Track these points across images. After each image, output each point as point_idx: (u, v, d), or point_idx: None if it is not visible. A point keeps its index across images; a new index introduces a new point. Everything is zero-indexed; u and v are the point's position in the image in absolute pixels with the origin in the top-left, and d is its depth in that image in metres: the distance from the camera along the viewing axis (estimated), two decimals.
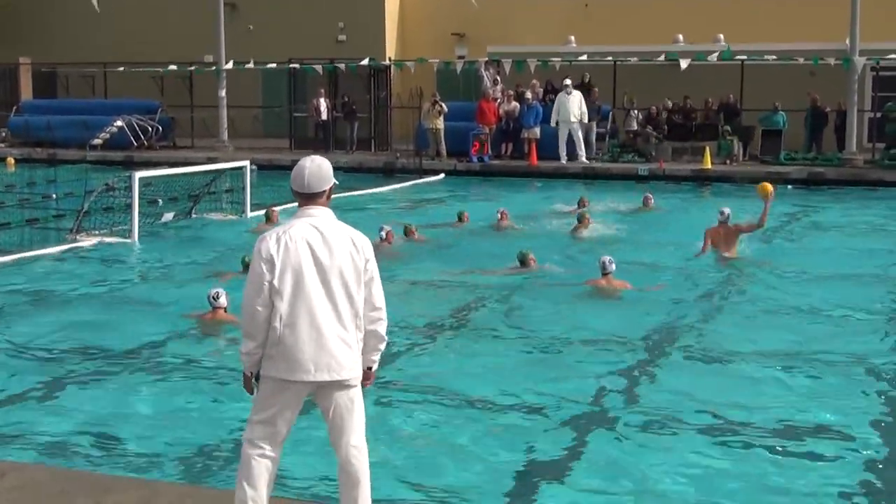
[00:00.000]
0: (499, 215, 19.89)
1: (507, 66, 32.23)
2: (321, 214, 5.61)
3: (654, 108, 30.92)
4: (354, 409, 5.62)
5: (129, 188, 18.32)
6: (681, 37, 33.49)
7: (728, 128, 29.72)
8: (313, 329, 5.43)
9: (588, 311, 12.86)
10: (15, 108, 38.28)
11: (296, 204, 5.77)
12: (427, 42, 37.79)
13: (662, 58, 31.10)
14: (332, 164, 5.76)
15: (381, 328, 5.67)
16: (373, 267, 5.61)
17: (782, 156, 29.19)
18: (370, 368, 5.74)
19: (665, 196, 24.31)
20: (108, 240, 17.55)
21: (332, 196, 5.73)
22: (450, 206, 22.56)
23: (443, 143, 30.91)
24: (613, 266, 13.65)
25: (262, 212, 20.15)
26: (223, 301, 11.77)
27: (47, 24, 41.16)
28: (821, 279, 14.94)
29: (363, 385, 5.73)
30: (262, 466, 5.54)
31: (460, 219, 19.73)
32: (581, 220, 18.55)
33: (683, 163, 29.50)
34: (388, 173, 29.59)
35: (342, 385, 5.54)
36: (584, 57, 31.85)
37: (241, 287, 12.08)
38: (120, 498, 6.08)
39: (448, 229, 19.18)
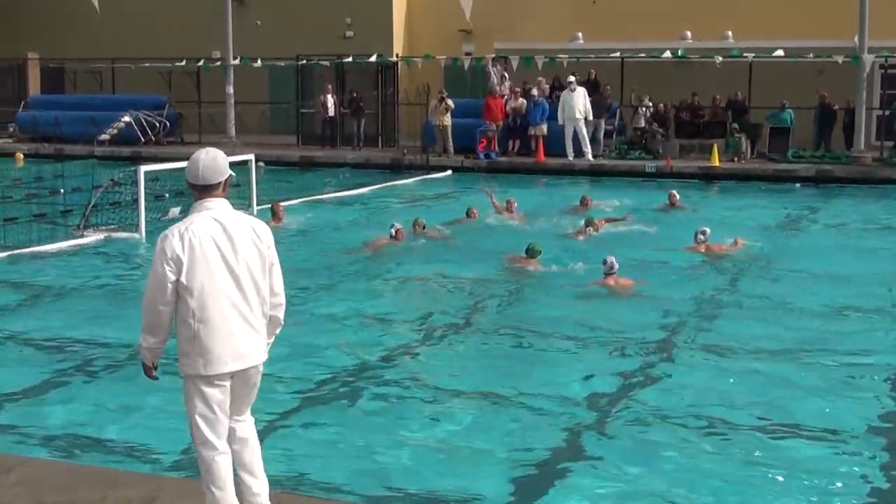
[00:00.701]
0: (506, 203, 20.34)
1: (515, 63, 32.20)
2: (219, 206, 5.64)
3: (661, 105, 30.86)
4: (256, 389, 5.78)
5: (135, 183, 18.33)
6: (689, 33, 33.41)
7: (736, 125, 29.67)
8: (226, 321, 5.50)
9: (596, 311, 12.84)
10: (23, 103, 38.36)
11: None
12: (434, 38, 37.75)
13: (668, 54, 31.06)
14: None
15: (281, 313, 5.81)
16: (273, 253, 5.72)
17: (790, 153, 29.13)
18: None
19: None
20: (115, 235, 17.58)
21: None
22: (458, 201, 22.51)
23: (450, 139, 30.91)
24: (617, 265, 13.64)
25: (268, 206, 20.16)
26: None
27: (55, 19, 41.17)
28: (828, 277, 14.90)
29: None
30: (223, 466, 5.59)
31: (469, 214, 19.73)
32: (590, 224, 17.93)
33: (691, 160, 29.45)
34: (395, 170, 29.56)
35: (254, 371, 5.69)
36: (592, 56, 31.77)
37: None
38: (125, 492, 6.08)
39: (457, 225, 19.16)
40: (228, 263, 5.52)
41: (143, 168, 18.65)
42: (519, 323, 12.21)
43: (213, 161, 5.63)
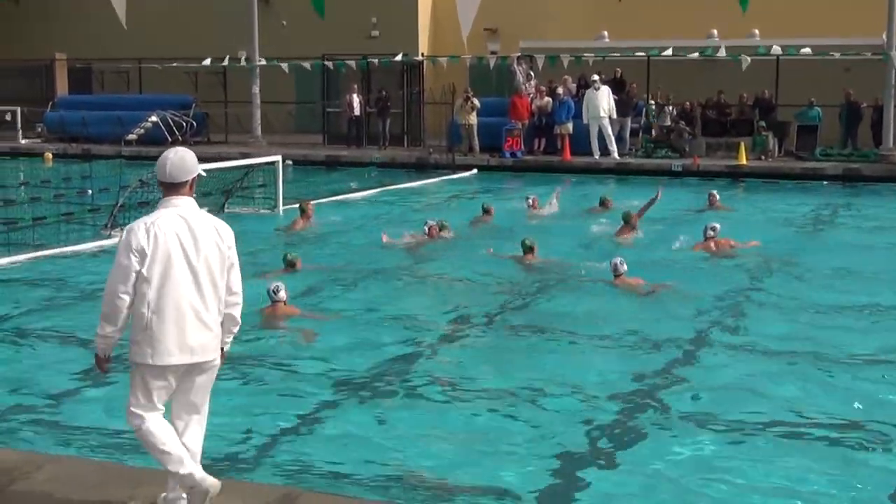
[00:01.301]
0: (530, 201, 20.57)
1: (540, 62, 32.16)
2: (185, 204, 5.82)
3: (687, 103, 30.76)
4: (206, 389, 5.92)
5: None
6: (715, 31, 33.28)
7: (763, 123, 29.53)
8: (179, 315, 5.67)
9: (614, 309, 12.80)
10: (51, 103, 38.58)
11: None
12: (460, 37, 37.72)
13: (695, 53, 30.97)
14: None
15: (237, 312, 5.96)
16: (234, 254, 5.91)
17: (818, 152, 28.98)
18: (222, 349, 5.98)
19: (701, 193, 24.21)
20: None
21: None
22: (482, 201, 22.50)
23: (475, 138, 30.91)
24: (625, 267, 13.59)
25: (295, 206, 20.23)
26: (283, 295, 11.96)
27: (83, 20, 41.41)
28: (855, 276, 14.81)
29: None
30: (156, 425, 5.72)
31: (486, 212, 19.77)
32: (627, 220, 17.53)
33: (718, 158, 29.34)
34: (421, 169, 29.57)
35: (204, 366, 5.82)
36: (618, 55, 31.68)
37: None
38: (154, 490, 6.10)
39: (481, 225, 19.18)
40: (189, 259, 5.70)
41: None
42: (539, 321, 12.22)
43: (181, 161, 5.84)
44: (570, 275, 14.72)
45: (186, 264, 5.70)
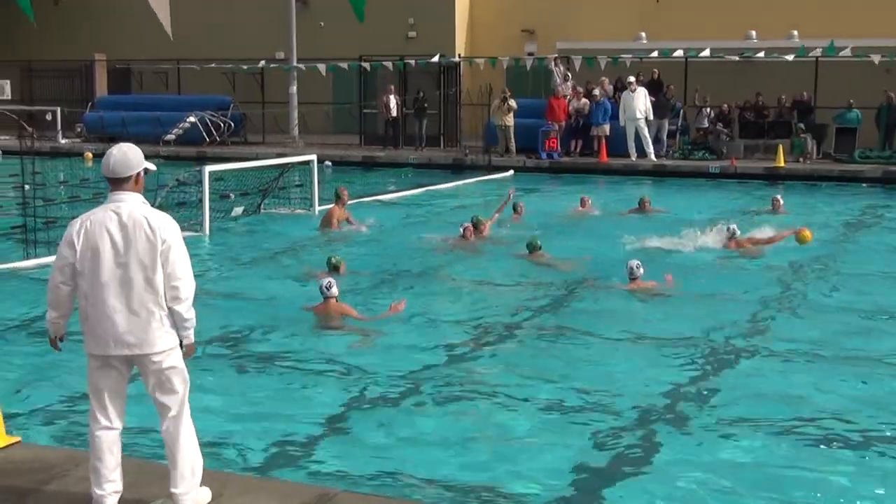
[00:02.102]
0: (580, 201, 20.94)
1: (577, 63, 32.10)
2: (127, 199, 5.93)
3: (725, 105, 30.59)
4: (169, 383, 5.95)
5: (200, 183, 18.54)
6: (754, 32, 33.09)
7: (801, 125, 29.33)
8: (109, 307, 5.80)
9: (638, 312, 12.84)
10: (90, 104, 38.90)
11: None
12: (496, 38, 37.74)
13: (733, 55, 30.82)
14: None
15: (178, 305, 5.90)
16: (168, 247, 5.86)
17: (857, 154, 28.74)
18: (181, 343, 6.02)
19: (736, 195, 24.12)
20: None
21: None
22: (525, 201, 22.50)
23: (512, 139, 30.88)
24: (641, 270, 13.55)
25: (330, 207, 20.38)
26: (335, 291, 11.93)
27: (122, 21, 41.73)
28: (894, 279, 14.70)
29: (184, 357, 6.06)
30: (101, 440, 5.92)
31: (516, 210, 19.84)
32: (732, 236, 16.70)
33: (755, 161, 29.18)
34: (457, 170, 29.58)
35: (148, 360, 5.88)
36: (655, 53, 31.57)
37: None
38: None
39: (510, 223, 19.19)
40: (118, 252, 5.81)
41: (208, 168, 18.86)
42: (568, 324, 12.20)
43: (124, 156, 5.95)
44: (578, 277, 14.72)
45: (114, 257, 5.81)
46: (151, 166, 6.09)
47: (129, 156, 5.95)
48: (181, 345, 6.03)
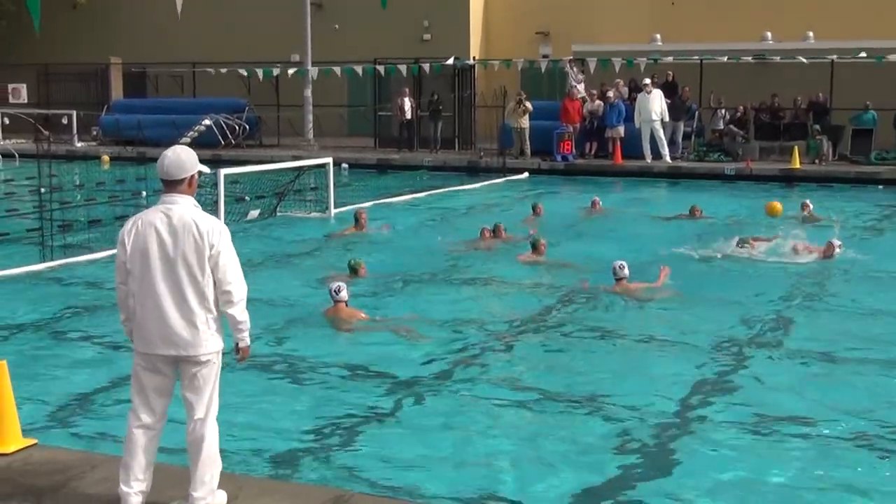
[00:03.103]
0: (591, 203, 21.04)
1: (592, 65, 32.07)
2: (179, 201, 5.98)
3: (741, 106, 30.52)
4: (204, 386, 5.98)
5: (216, 185, 18.59)
6: (769, 34, 33.04)
7: (817, 127, 29.25)
8: (158, 307, 5.86)
9: (657, 315, 12.80)
10: (106, 107, 39.03)
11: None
12: (511, 40, 37.76)
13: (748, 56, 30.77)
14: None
15: (231, 309, 5.96)
16: (218, 252, 5.91)
17: (873, 156, 28.65)
18: (237, 345, 6.11)
19: (752, 196, 24.04)
20: None
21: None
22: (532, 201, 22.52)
23: (527, 142, 30.86)
24: (626, 271, 13.50)
25: (346, 209, 20.36)
26: (344, 295, 11.96)
27: (138, 24, 41.92)
28: None
29: (236, 360, 6.20)
30: (137, 437, 5.96)
31: (535, 211, 19.86)
32: (744, 242, 16.67)
33: (771, 162, 29.11)
34: (472, 172, 29.59)
35: (191, 361, 5.92)
36: (671, 59, 31.47)
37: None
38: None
39: (529, 224, 19.18)
40: (166, 253, 5.86)
41: (223, 171, 18.91)
42: (586, 326, 12.18)
43: (178, 159, 6.04)
44: (575, 278, 14.70)
45: (163, 258, 5.85)
46: (206, 169, 6.18)
47: (182, 158, 6.04)
48: (237, 347, 6.09)
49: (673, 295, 13.49)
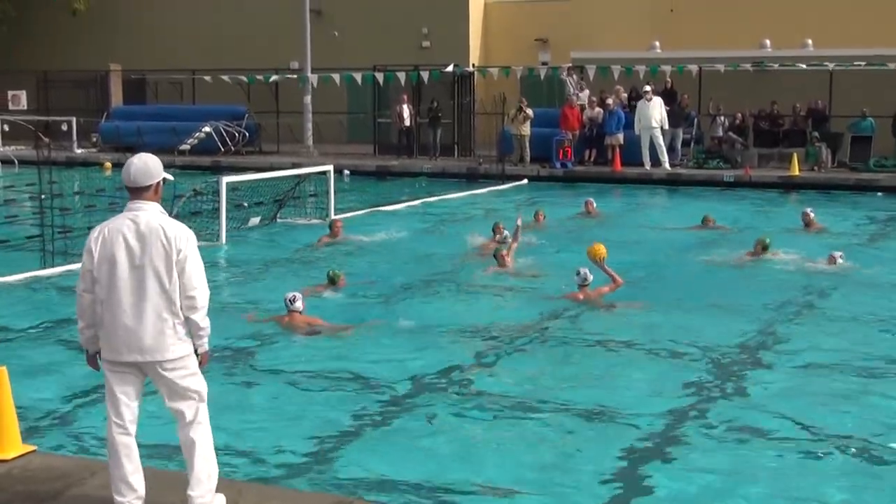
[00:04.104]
0: (584, 205, 21.50)
1: (591, 72, 32.09)
2: (145, 208, 5.99)
3: (739, 114, 30.53)
4: (183, 390, 6.00)
5: (217, 193, 18.60)
6: (768, 42, 33.07)
7: (816, 134, 29.28)
8: (125, 314, 5.87)
9: (658, 322, 12.79)
10: (105, 113, 39.05)
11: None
12: (510, 48, 37.79)
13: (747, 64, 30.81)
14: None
15: (194, 314, 5.97)
16: (185, 257, 5.94)
17: (872, 162, 28.68)
18: (196, 351, 6.08)
19: (750, 203, 24.06)
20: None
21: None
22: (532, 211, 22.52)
23: (527, 149, 30.86)
24: (591, 277, 13.52)
25: (347, 215, 20.36)
26: (299, 305, 12.07)
27: (137, 31, 41.94)
28: None
29: (199, 366, 6.11)
30: (118, 441, 6.01)
31: (536, 218, 19.88)
32: (761, 246, 16.63)
33: (770, 169, 29.13)
34: (471, 179, 29.60)
35: (161, 367, 5.94)
36: (669, 68, 31.43)
37: (326, 301, 12.34)
38: None
39: (528, 230, 19.16)
40: (133, 260, 5.88)
41: (225, 179, 18.92)
42: (579, 334, 12.21)
43: (144, 166, 6.02)
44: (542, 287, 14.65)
45: (130, 265, 5.88)
46: (169, 176, 6.16)
47: (149, 165, 6.03)
48: (196, 353, 6.08)
49: (642, 304, 13.48)
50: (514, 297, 14.29)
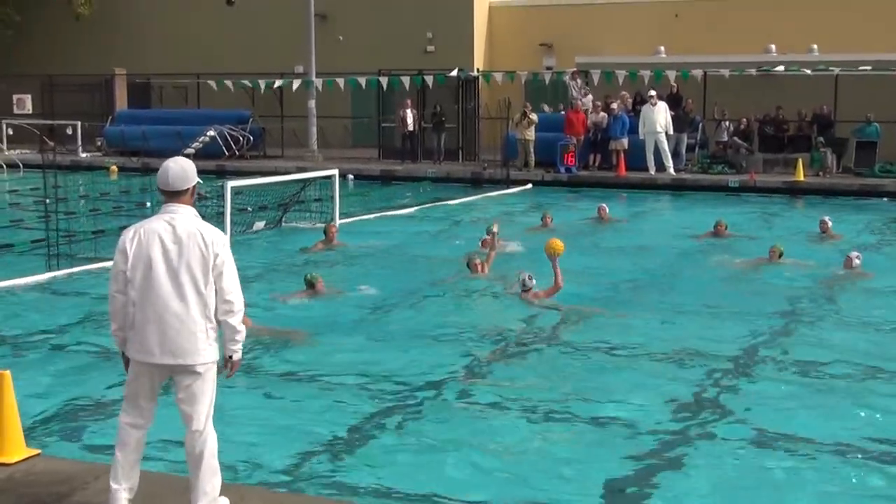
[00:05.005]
0: (598, 211, 21.50)
1: (596, 77, 32.08)
2: (181, 211, 6.03)
3: (744, 119, 30.52)
4: (201, 397, 6.00)
5: (222, 197, 18.59)
6: (773, 47, 33.06)
7: (821, 139, 29.25)
8: (159, 316, 5.87)
9: (659, 327, 12.76)
10: (110, 117, 39.10)
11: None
12: (515, 52, 37.81)
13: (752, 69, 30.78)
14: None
15: (232, 319, 5.99)
16: (222, 262, 5.97)
17: (877, 168, 28.65)
18: (230, 357, 6.10)
19: (756, 208, 24.04)
20: None
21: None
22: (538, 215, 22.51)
23: (532, 153, 30.86)
24: (534, 282, 13.50)
25: (351, 220, 20.33)
26: None
27: (142, 36, 42.01)
28: None
29: (226, 375, 6.15)
30: (129, 434, 6.05)
31: (544, 221, 19.92)
32: (777, 253, 16.49)
33: (775, 175, 29.11)
34: (476, 184, 29.62)
35: (188, 370, 5.94)
36: (674, 73, 31.40)
37: (307, 307, 12.29)
38: None
39: (535, 233, 19.17)
40: (170, 263, 5.89)
41: (230, 183, 18.92)
42: (577, 337, 12.19)
43: (182, 170, 6.09)
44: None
45: (166, 268, 5.88)
46: (200, 180, 6.24)
47: (186, 169, 6.09)
48: (230, 359, 6.09)
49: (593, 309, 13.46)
50: (506, 303, 14.23)
